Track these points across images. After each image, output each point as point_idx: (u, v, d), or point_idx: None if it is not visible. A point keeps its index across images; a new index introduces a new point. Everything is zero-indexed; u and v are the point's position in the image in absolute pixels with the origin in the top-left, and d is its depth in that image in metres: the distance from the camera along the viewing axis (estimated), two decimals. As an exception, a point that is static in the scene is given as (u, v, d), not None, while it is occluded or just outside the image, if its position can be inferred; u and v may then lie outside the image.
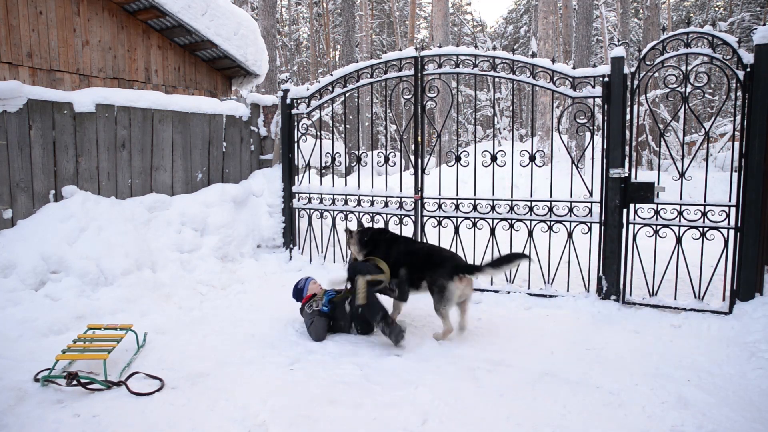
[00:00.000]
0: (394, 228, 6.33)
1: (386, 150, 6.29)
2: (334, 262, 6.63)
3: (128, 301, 4.90)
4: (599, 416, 3.12)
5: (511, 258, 4.23)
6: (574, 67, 5.29)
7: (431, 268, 4.33)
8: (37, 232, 4.87)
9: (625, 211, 5.07)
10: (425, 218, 5.91)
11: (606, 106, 5.07)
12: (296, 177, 6.92)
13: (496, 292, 5.53)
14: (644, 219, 5.10)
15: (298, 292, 4.84)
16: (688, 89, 4.87)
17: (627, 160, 5.06)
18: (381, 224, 6.31)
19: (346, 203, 6.45)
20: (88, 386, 3.37)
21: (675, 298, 5.08)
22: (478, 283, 5.68)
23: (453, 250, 5.82)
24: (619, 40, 19.54)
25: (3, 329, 4.12)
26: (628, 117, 5.05)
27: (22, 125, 5.00)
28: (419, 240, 5.75)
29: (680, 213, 4.93)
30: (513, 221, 5.54)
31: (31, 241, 4.78)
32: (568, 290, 5.43)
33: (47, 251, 4.75)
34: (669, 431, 2.97)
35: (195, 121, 6.57)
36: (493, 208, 5.65)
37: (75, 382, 3.34)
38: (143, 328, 4.37)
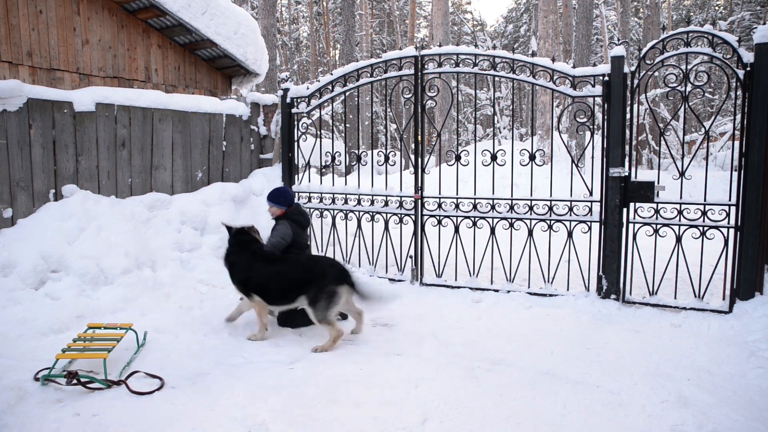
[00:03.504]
0: (394, 227, 6.33)
1: (386, 149, 6.28)
2: (334, 261, 6.62)
3: (128, 300, 4.90)
4: (599, 416, 3.12)
5: None
6: (574, 66, 5.29)
7: None
8: (37, 231, 4.87)
9: (625, 210, 5.08)
10: (425, 217, 5.91)
11: (606, 105, 5.07)
12: (296, 176, 6.92)
13: (496, 291, 5.53)
14: (644, 218, 5.10)
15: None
16: (688, 88, 4.87)
17: (627, 159, 5.06)
18: (381, 223, 6.32)
19: (346, 202, 6.45)
20: (88, 385, 3.37)
21: (675, 297, 5.08)
22: (477, 283, 5.69)
23: (453, 248, 5.84)
24: (619, 39, 19.52)
25: (3, 328, 4.12)
26: (628, 116, 5.05)
27: (22, 124, 5.00)
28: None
29: (680, 212, 4.93)
30: (513, 220, 5.54)
31: (31, 241, 4.78)
32: (568, 289, 5.43)
33: (47, 250, 4.75)
34: (669, 431, 2.97)
35: (195, 120, 6.57)
36: (493, 207, 5.65)
37: (75, 381, 3.34)
38: (143, 327, 4.37)
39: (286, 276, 4.30)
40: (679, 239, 4.93)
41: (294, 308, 4.43)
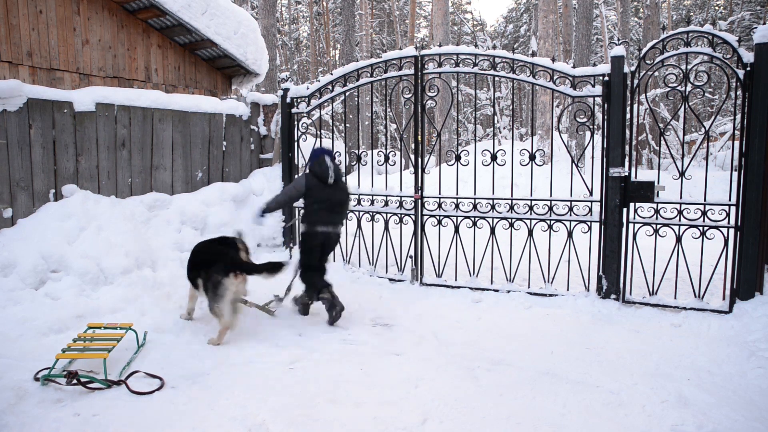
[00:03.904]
0: (394, 227, 6.32)
1: (386, 149, 6.28)
2: (334, 261, 6.62)
3: (128, 300, 4.90)
4: (599, 415, 3.12)
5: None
6: (574, 66, 5.29)
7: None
8: (37, 231, 4.87)
9: (625, 210, 5.07)
10: (425, 217, 5.91)
11: (606, 105, 5.07)
12: (296, 176, 6.92)
13: (496, 291, 5.53)
14: (644, 218, 5.10)
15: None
16: (688, 88, 4.87)
17: (627, 159, 5.05)
18: (381, 223, 6.32)
19: (346, 202, 6.44)
20: (88, 385, 3.37)
21: (675, 297, 5.08)
22: (477, 283, 5.69)
23: (453, 248, 5.84)
24: (619, 39, 19.52)
25: (3, 328, 4.12)
26: (628, 116, 5.05)
27: (22, 124, 5.00)
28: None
29: (680, 212, 4.93)
30: (513, 220, 5.54)
31: (31, 240, 4.78)
32: (568, 289, 5.43)
33: (47, 250, 4.75)
34: (669, 431, 2.97)
35: (195, 120, 6.57)
36: (493, 207, 5.65)
37: (75, 381, 3.34)
38: (143, 327, 4.37)
39: (191, 260, 4.53)
40: (679, 239, 4.93)
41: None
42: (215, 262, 4.25)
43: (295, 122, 6.78)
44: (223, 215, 6.35)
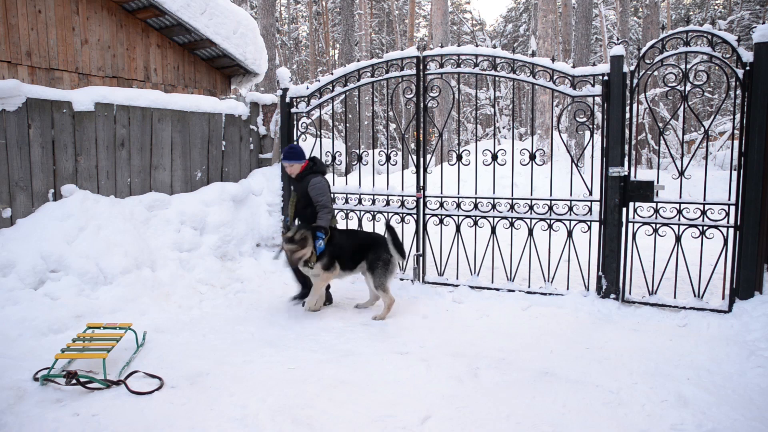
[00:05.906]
0: (396, 227, 6.30)
1: (387, 149, 6.28)
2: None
3: (127, 300, 4.89)
4: (599, 415, 3.12)
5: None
6: (573, 66, 5.29)
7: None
8: (36, 231, 4.86)
9: (624, 209, 5.07)
10: (427, 216, 5.90)
11: (605, 104, 5.07)
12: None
13: (497, 290, 5.53)
14: (644, 217, 5.10)
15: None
16: (688, 88, 4.87)
17: (626, 158, 5.06)
18: (382, 222, 6.31)
19: (346, 202, 6.44)
20: (88, 385, 3.37)
21: (674, 297, 5.08)
22: (478, 282, 5.68)
23: (455, 247, 5.83)
24: (618, 39, 19.51)
25: (2, 328, 4.11)
26: (627, 115, 5.05)
27: (21, 124, 4.99)
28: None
29: (680, 212, 4.94)
30: (513, 219, 5.54)
31: (30, 240, 4.77)
32: (567, 289, 5.43)
33: (46, 250, 4.74)
34: (669, 430, 2.97)
35: (194, 119, 6.56)
36: (493, 206, 5.65)
37: (74, 381, 3.33)
38: (143, 327, 4.37)
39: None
40: (678, 239, 4.93)
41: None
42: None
43: (295, 122, 6.77)
44: (223, 215, 6.34)
